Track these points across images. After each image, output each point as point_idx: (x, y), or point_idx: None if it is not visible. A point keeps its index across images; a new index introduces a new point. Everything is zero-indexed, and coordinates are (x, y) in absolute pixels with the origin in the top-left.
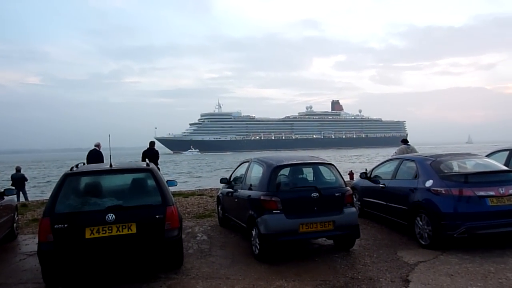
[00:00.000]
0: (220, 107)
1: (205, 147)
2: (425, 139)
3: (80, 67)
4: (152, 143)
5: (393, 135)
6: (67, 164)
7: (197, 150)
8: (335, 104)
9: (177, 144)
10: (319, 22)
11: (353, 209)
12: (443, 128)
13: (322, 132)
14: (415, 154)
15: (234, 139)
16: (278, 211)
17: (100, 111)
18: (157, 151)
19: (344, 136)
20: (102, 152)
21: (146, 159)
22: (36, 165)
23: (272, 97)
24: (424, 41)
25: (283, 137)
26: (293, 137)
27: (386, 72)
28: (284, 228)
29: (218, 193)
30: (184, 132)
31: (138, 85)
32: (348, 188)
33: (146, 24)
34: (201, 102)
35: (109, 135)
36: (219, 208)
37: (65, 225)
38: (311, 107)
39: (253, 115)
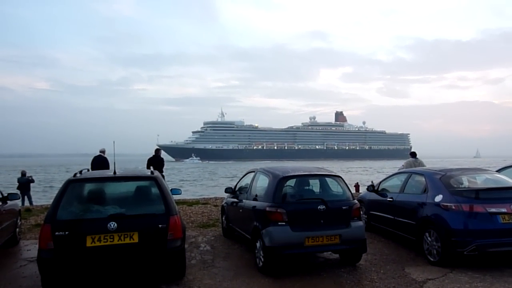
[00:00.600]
0: (223, 116)
1: (206, 155)
2: (432, 153)
3: (89, 74)
4: (157, 150)
5: (396, 148)
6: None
7: (198, 158)
8: (339, 115)
9: (179, 152)
10: (327, 34)
11: (360, 223)
12: (450, 142)
13: (325, 143)
14: (424, 168)
15: (236, 148)
16: (284, 223)
17: (107, 117)
18: (162, 159)
19: (347, 148)
20: (107, 158)
21: (151, 167)
22: (42, 169)
23: (278, 107)
24: (431, 54)
25: (286, 147)
26: (296, 148)
27: (393, 85)
28: (289, 241)
29: (223, 203)
30: (187, 140)
31: (146, 93)
32: (356, 201)
33: (155, 32)
34: (207, 111)
35: (113, 142)
36: (223, 218)
37: (66, 233)
38: (314, 118)
39: (256, 124)
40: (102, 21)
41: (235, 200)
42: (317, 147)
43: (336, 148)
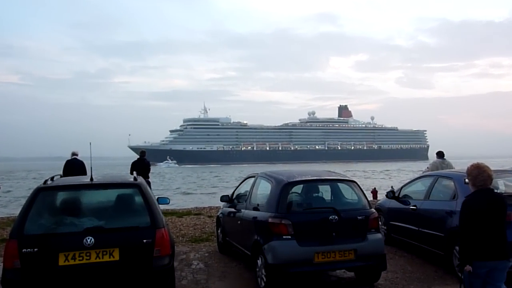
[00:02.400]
0: (206, 112)
1: (186, 157)
2: (461, 152)
3: (62, 65)
4: (142, 153)
5: (411, 147)
6: (43, 176)
7: (175, 161)
8: (343, 110)
9: (153, 154)
10: (337, 16)
11: (379, 235)
12: (483, 139)
13: (327, 143)
14: (453, 170)
15: (222, 149)
16: (289, 237)
17: (84, 115)
18: (148, 163)
19: (352, 148)
20: (83, 162)
21: (135, 172)
22: (9, 176)
23: (282, 101)
24: (459, 38)
25: (280, 148)
26: (292, 148)
27: (414, 74)
28: (295, 257)
29: (218, 213)
30: (163, 140)
31: (128, 86)
32: (373, 210)
33: (138, 16)
34: (199, 106)
35: (90, 143)
36: (219, 231)
37: (35, 250)
38: (313, 113)
39: (245, 122)
40: (77, 4)
41: (233, 210)
42: (317, 147)
43: (339, 148)
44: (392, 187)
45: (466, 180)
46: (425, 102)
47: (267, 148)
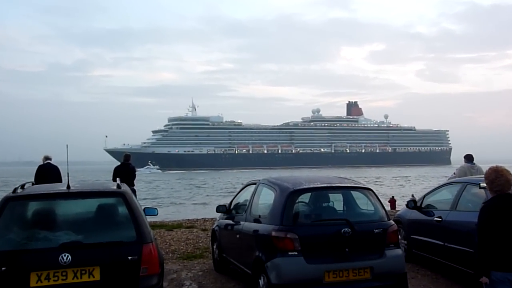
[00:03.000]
0: (195, 109)
1: (171, 162)
2: (491, 156)
3: (34, 56)
4: (127, 157)
5: (430, 150)
6: (12, 184)
7: (157, 166)
8: (352, 107)
9: (133, 158)
10: (349, 0)
11: (399, 251)
12: None
13: (333, 145)
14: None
15: (212, 152)
16: (296, 253)
17: (59, 113)
18: (133, 168)
19: (363, 150)
20: (57, 167)
21: (118, 179)
22: None
23: (286, 97)
24: (489, 25)
25: (280, 151)
26: (293, 151)
27: (438, 66)
28: (303, 277)
29: (214, 226)
30: (145, 143)
31: (110, 80)
32: (392, 222)
33: (122, 0)
34: (190, 102)
35: (67, 145)
36: (215, 247)
37: (3, 269)
38: (318, 111)
39: (239, 121)
40: None
41: (230, 222)
42: (322, 150)
43: (347, 151)
44: (413, 195)
45: (482, 185)
46: (449, 98)
47: (265, 151)
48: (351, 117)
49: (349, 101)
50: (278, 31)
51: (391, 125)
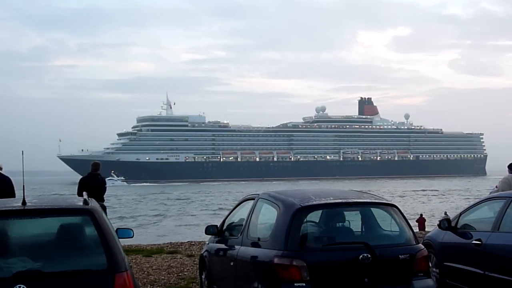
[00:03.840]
0: (170, 107)
1: (139, 172)
2: None
3: None
4: (95, 166)
5: (461, 157)
6: None
7: (122, 177)
8: (365, 105)
9: None
10: None
11: (429, 281)
12: None
13: (342, 151)
14: None
15: (192, 160)
16: (303, 284)
17: (10, 112)
18: (103, 180)
19: (378, 158)
20: (10, 178)
21: (85, 193)
22: None
23: (291, 92)
24: None
25: (275, 158)
26: (292, 158)
27: (475, 55)
28: None
29: (202, 251)
30: (108, 148)
31: (75, 71)
32: (421, 246)
33: None
34: (174, 99)
35: (22, 152)
36: (203, 276)
37: None
38: (324, 110)
39: (226, 121)
40: None
41: (223, 246)
42: (327, 157)
43: (359, 159)
44: (446, 213)
45: None
46: (487, 95)
47: (257, 159)
48: (363, 117)
49: (361, 98)
50: (281, 13)
51: (413, 127)
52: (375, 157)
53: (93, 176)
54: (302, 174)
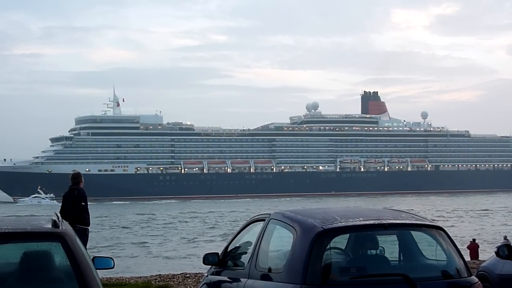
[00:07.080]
0: (118, 104)
1: None
2: None
3: None
4: (75, 179)
5: (494, 167)
6: None
7: (51, 195)
8: (369, 101)
9: (17, 181)
10: None
11: None
12: None
13: (339, 160)
14: None
15: (144, 171)
16: None
17: None
18: (83, 194)
19: (386, 168)
20: None
21: (54, 212)
22: None
23: (309, 86)
24: None
25: (252, 169)
26: (274, 169)
27: None
28: None
29: (200, 285)
30: (37, 157)
31: (39, 62)
32: (475, 279)
33: None
34: (162, 95)
35: None
36: None
37: None
38: (316, 107)
39: (189, 122)
40: None
41: (226, 278)
42: (320, 167)
43: (361, 169)
44: (505, 237)
45: None
46: None
47: (228, 170)
48: (367, 116)
49: (364, 92)
50: None
51: (431, 129)
52: (382, 168)
53: (73, 190)
54: (287, 189)
